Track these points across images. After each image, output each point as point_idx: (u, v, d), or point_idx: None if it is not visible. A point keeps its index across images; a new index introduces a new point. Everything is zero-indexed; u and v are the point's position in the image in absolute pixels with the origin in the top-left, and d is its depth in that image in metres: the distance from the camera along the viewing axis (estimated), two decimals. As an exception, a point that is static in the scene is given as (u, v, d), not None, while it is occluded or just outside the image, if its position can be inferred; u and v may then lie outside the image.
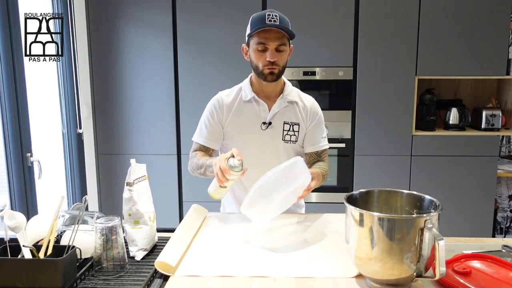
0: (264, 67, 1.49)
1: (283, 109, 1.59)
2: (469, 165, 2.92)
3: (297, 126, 1.61)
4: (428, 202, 1.06)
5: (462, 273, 1.06)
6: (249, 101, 1.59)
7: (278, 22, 1.46)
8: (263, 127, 1.59)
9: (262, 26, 1.45)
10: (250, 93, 1.59)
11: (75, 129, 2.94)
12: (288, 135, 1.60)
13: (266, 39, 1.46)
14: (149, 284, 1.05)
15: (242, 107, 1.60)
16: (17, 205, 2.17)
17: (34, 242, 1.12)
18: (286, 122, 1.60)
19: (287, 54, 1.53)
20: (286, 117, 1.60)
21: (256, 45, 1.48)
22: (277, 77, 1.52)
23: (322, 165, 1.64)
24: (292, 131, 1.60)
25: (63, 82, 2.79)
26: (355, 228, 0.98)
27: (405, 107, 2.91)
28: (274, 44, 1.47)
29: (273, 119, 1.59)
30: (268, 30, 1.46)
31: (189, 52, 2.92)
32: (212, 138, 1.63)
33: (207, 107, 1.65)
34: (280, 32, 1.46)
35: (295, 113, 1.61)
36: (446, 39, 2.84)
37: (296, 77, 2.90)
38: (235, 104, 1.60)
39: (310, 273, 1.09)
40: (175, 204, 3.07)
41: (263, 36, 1.46)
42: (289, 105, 1.60)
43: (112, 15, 2.90)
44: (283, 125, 1.60)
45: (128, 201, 1.21)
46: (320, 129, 1.66)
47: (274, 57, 1.47)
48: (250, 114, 1.59)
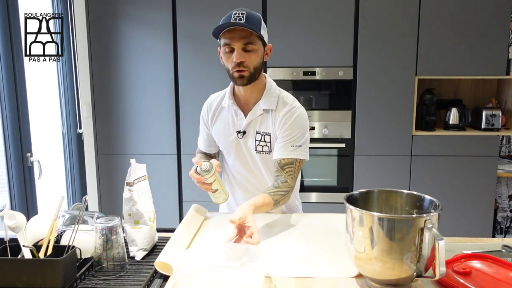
0: (233, 70, 1.39)
1: (257, 118, 1.49)
2: (469, 165, 2.92)
3: (268, 137, 1.49)
4: (428, 202, 1.06)
5: (462, 273, 1.05)
6: (227, 108, 1.54)
7: (244, 21, 1.34)
8: (239, 136, 1.52)
9: (224, 25, 1.35)
10: (228, 100, 1.52)
11: (75, 129, 2.94)
12: (260, 146, 1.50)
13: (230, 39, 1.36)
14: (149, 284, 1.05)
15: (222, 113, 1.56)
16: (17, 205, 2.17)
17: (34, 242, 1.12)
18: (258, 131, 1.50)
19: (258, 55, 1.40)
20: (258, 127, 1.50)
21: (223, 47, 1.39)
22: (248, 81, 1.40)
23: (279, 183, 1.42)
24: (263, 141, 1.50)
25: (63, 82, 2.79)
26: (355, 228, 0.98)
27: (405, 107, 2.91)
28: (240, 43, 1.35)
29: (248, 128, 1.51)
30: (233, 30, 1.35)
31: (189, 52, 2.92)
32: (206, 143, 1.62)
33: (201, 112, 1.64)
34: (247, 31, 1.35)
35: (268, 122, 1.49)
36: (446, 39, 2.84)
37: (296, 77, 2.90)
38: (218, 109, 1.57)
39: (310, 273, 1.09)
40: (175, 204, 3.07)
41: (228, 36, 1.36)
42: (264, 114, 1.49)
43: (112, 15, 2.90)
44: (255, 135, 1.50)
45: (128, 201, 1.21)
46: (290, 136, 1.45)
47: (240, 57, 1.35)
48: (228, 121, 1.54)
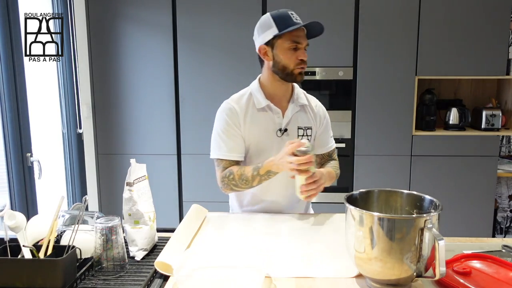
0: (295, 67, 1.48)
1: (296, 114, 1.57)
2: (469, 165, 2.92)
3: (310, 130, 1.59)
4: (428, 202, 1.06)
5: (462, 273, 1.05)
6: (263, 109, 1.54)
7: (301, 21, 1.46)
8: (278, 134, 1.55)
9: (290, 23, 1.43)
10: (264, 100, 1.53)
11: (75, 129, 2.94)
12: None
13: (299, 38, 1.46)
14: (149, 284, 1.05)
15: (256, 115, 1.54)
16: (17, 205, 2.17)
17: (34, 242, 1.12)
18: (300, 127, 1.58)
19: None
20: (299, 122, 1.58)
21: (289, 44, 1.45)
22: (303, 77, 1.53)
23: (334, 163, 1.66)
24: (306, 135, 1.58)
25: (63, 82, 2.79)
26: (355, 228, 0.98)
27: (405, 107, 2.91)
28: (305, 42, 1.48)
29: (288, 125, 1.56)
30: (300, 29, 1.46)
31: (189, 52, 2.92)
32: (236, 149, 1.54)
33: (220, 119, 1.55)
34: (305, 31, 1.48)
35: (308, 116, 1.60)
36: (446, 39, 2.84)
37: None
38: (248, 112, 1.54)
39: (310, 273, 1.09)
40: (175, 204, 3.07)
41: (296, 35, 1.45)
42: (300, 109, 1.59)
43: (112, 15, 2.90)
44: (297, 130, 1.57)
45: (128, 201, 1.21)
46: (329, 130, 1.67)
47: (306, 56, 1.48)
48: (266, 122, 1.54)
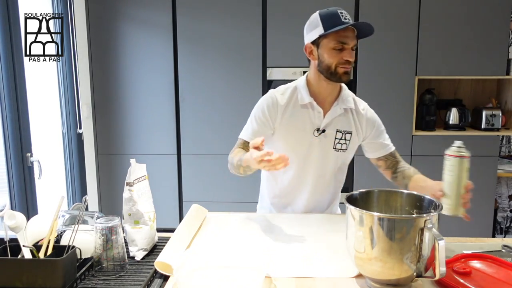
0: (338, 66, 1.43)
1: (338, 117, 1.53)
2: (469, 165, 2.91)
3: (349, 135, 1.55)
4: (428, 202, 1.07)
5: (462, 273, 1.06)
6: (305, 106, 1.52)
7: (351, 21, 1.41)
8: (315, 134, 1.53)
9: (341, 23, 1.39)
10: (308, 97, 1.51)
11: (75, 129, 2.94)
12: (340, 144, 1.55)
13: (346, 38, 1.41)
14: (149, 284, 1.05)
15: (297, 110, 1.52)
16: (17, 205, 2.17)
17: (34, 242, 1.12)
18: (339, 130, 1.54)
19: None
20: (339, 125, 1.54)
21: (335, 44, 1.41)
22: (349, 77, 1.47)
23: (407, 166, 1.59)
24: (344, 139, 1.55)
25: (63, 82, 2.79)
26: (355, 228, 0.98)
27: (405, 107, 2.91)
28: (353, 43, 1.43)
29: (327, 127, 1.53)
30: (347, 29, 1.41)
31: (189, 52, 2.92)
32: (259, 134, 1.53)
33: (259, 105, 1.56)
34: (355, 32, 1.44)
35: (349, 121, 1.55)
36: (446, 39, 2.84)
37: (296, 77, 2.90)
38: (290, 106, 1.52)
39: (310, 273, 1.09)
40: (175, 204, 3.07)
41: (343, 35, 1.41)
42: (344, 112, 1.54)
43: (112, 15, 2.90)
44: (336, 133, 1.54)
45: (128, 201, 1.21)
46: (383, 134, 1.60)
47: (352, 57, 1.43)
48: (304, 119, 1.52)
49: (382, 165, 1.62)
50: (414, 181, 1.51)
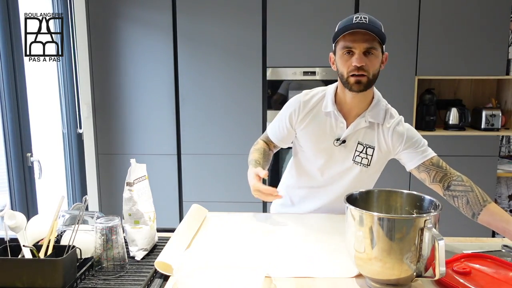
0: (349, 74, 1.34)
1: (361, 129, 1.45)
2: (469, 165, 2.92)
3: (371, 150, 1.46)
4: (428, 202, 1.06)
5: (462, 273, 1.06)
6: (328, 114, 1.47)
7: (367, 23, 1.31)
8: (335, 143, 1.47)
9: (347, 27, 1.31)
10: (332, 106, 1.45)
11: (75, 129, 2.94)
12: (360, 157, 1.47)
13: (352, 42, 1.31)
14: (149, 284, 1.05)
15: (320, 117, 1.49)
16: (17, 205, 2.17)
17: (34, 242, 1.12)
18: (360, 143, 1.46)
19: (378, 61, 1.36)
20: (361, 138, 1.46)
21: (342, 50, 1.34)
22: (365, 87, 1.36)
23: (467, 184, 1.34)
24: (364, 153, 1.46)
25: (63, 82, 2.79)
26: (355, 228, 0.98)
27: (405, 107, 2.91)
28: (362, 47, 1.31)
29: (348, 138, 1.46)
30: (355, 33, 1.30)
31: (189, 52, 2.92)
32: (279, 136, 1.58)
33: (289, 104, 1.54)
34: (369, 35, 1.30)
35: (374, 135, 1.46)
36: (446, 39, 2.84)
37: (296, 77, 2.90)
38: (314, 110, 1.49)
39: (310, 273, 1.09)
40: (175, 204, 3.07)
41: (349, 39, 1.32)
42: (370, 126, 1.45)
43: (112, 15, 2.90)
44: (357, 145, 1.47)
45: (128, 201, 1.21)
46: (416, 143, 1.42)
47: (361, 61, 1.31)
48: (326, 127, 1.48)
49: (426, 179, 1.42)
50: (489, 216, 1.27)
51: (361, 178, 1.51)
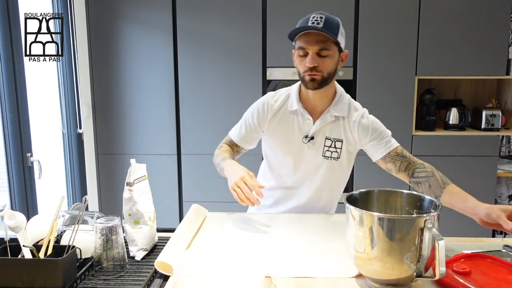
0: (304, 73, 1.40)
1: (328, 124, 1.50)
2: (469, 165, 2.92)
3: (339, 143, 1.51)
4: (428, 202, 1.07)
5: (462, 273, 1.06)
6: (294, 112, 1.51)
7: (322, 25, 1.34)
8: (304, 140, 1.51)
9: (300, 29, 1.36)
10: (297, 104, 1.50)
11: (75, 129, 2.94)
12: (329, 151, 1.51)
13: (305, 43, 1.36)
14: (149, 284, 1.05)
15: (287, 116, 1.52)
16: (17, 205, 2.17)
17: (34, 242, 1.12)
18: (328, 138, 1.50)
19: (333, 61, 1.39)
20: (329, 133, 1.50)
21: (297, 50, 1.39)
22: (319, 85, 1.40)
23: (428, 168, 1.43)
24: (334, 147, 1.51)
25: (63, 82, 2.79)
26: (355, 228, 0.98)
27: (405, 107, 2.91)
28: (314, 48, 1.35)
29: (315, 134, 1.51)
30: (309, 34, 1.35)
31: (189, 52, 2.92)
32: (246, 138, 1.60)
33: (253, 107, 1.58)
34: (323, 36, 1.34)
35: (340, 129, 1.50)
36: (446, 39, 2.84)
37: (296, 77, 2.89)
38: (280, 111, 1.53)
39: (310, 273, 1.09)
40: (175, 204, 3.07)
41: (303, 40, 1.37)
42: (335, 120, 1.50)
43: (112, 15, 2.90)
44: (325, 141, 1.51)
45: (128, 201, 1.21)
46: (381, 135, 1.49)
47: (313, 62, 1.36)
48: (293, 126, 1.52)
49: (392, 169, 1.49)
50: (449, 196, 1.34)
51: (333, 173, 1.55)
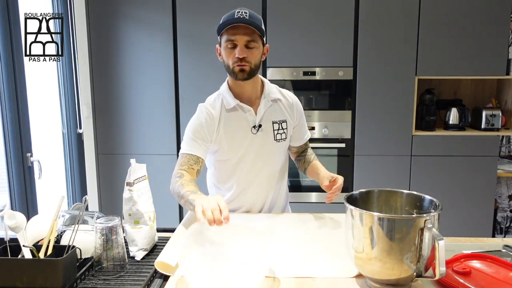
0: (234, 65, 1.45)
1: (269, 109, 1.58)
2: (469, 165, 2.92)
3: (285, 123, 1.61)
4: (428, 202, 1.07)
5: (462, 273, 1.06)
6: (234, 109, 1.54)
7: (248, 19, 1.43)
8: (253, 131, 1.56)
9: (229, 21, 1.42)
10: (233, 100, 1.53)
11: (75, 129, 2.94)
12: (279, 134, 1.60)
13: (234, 35, 1.42)
14: (149, 284, 1.05)
15: (229, 115, 1.54)
16: (17, 205, 2.17)
17: (34, 242, 1.12)
18: (274, 121, 1.59)
19: (259, 52, 1.48)
20: (273, 116, 1.58)
21: (226, 43, 1.44)
22: (248, 75, 1.47)
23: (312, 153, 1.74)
24: (281, 129, 1.60)
25: (63, 82, 2.79)
26: (355, 228, 0.98)
27: (405, 107, 2.91)
28: (243, 39, 1.43)
29: (262, 121, 1.57)
30: (237, 26, 1.42)
31: (189, 52, 2.92)
32: (205, 149, 1.53)
33: (195, 121, 1.53)
34: (250, 28, 1.42)
35: (281, 110, 1.60)
36: (446, 39, 2.84)
37: (296, 77, 2.90)
38: (221, 114, 1.54)
39: (310, 273, 1.09)
40: (175, 204, 3.07)
41: (231, 33, 1.43)
42: (273, 104, 1.59)
43: (112, 15, 2.90)
44: (272, 125, 1.58)
45: (128, 201, 1.21)
46: (304, 121, 1.70)
47: (243, 53, 1.43)
48: (239, 121, 1.55)
49: (294, 150, 1.74)
50: (311, 167, 1.67)
51: (280, 155, 1.64)
